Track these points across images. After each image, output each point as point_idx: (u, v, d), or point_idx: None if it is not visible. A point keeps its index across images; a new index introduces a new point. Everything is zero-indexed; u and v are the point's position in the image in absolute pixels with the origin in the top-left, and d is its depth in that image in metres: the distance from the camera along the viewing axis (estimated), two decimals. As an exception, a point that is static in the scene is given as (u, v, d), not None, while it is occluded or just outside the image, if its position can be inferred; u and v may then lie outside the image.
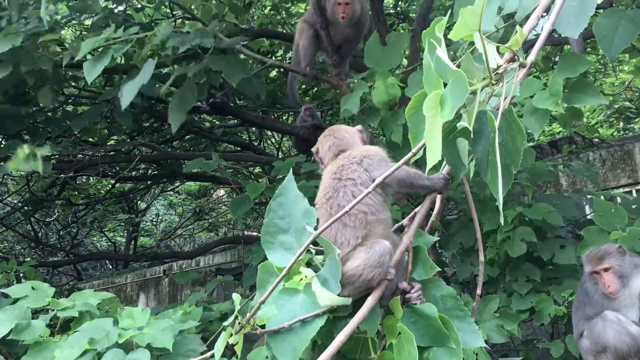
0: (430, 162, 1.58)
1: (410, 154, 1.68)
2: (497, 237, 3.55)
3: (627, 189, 6.42)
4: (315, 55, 5.15)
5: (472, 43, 1.79)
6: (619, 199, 4.88)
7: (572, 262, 3.95)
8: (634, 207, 4.41)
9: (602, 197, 4.90)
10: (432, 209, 2.16)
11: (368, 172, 1.93)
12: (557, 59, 7.52)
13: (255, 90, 4.87)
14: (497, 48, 1.84)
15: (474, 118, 1.69)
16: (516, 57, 1.88)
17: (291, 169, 2.03)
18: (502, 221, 1.61)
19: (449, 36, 1.62)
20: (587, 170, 4.75)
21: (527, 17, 2.27)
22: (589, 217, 4.66)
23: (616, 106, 9.69)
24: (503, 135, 1.72)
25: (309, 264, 1.91)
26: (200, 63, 4.24)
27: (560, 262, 3.99)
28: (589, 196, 4.67)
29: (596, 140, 7.62)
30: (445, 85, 1.60)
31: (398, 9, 8.26)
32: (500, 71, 1.76)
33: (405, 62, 6.18)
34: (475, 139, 1.76)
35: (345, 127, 2.24)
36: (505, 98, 1.77)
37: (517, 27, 1.82)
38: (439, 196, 1.99)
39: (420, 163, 1.78)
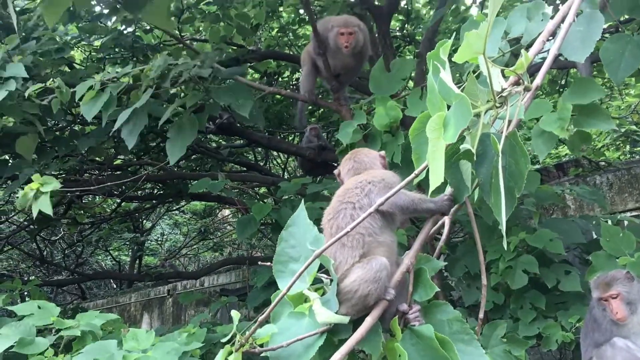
0: (433, 184, 1.57)
1: (409, 178, 1.68)
2: (500, 265, 3.51)
3: (634, 213, 6.37)
4: (315, 83, 5.21)
5: (478, 65, 1.79)
6: (626, 223, 4.84)
7: (578, 290, 3.90)
8: (642, 231, 4.37)
9: (609, 221, 4.86)
10: (439, 233, 2.15)
11: (368, 196, 1.95)
12: (563, 81, 7.53)
13: (254, 121, 4.89)
14: (502, 71, 1.84)
15: (478, 140, 1.68)
16: (521, 80, 1.88)
17: (302, 205, 2.04)
18: (505, 246, 1.60)
19: (453, 59, 1.62)
20: (594, 194, 4.72)
21: (533, 42, 2.28)
22: (595, 237, 4.61)
23: (623, 129, 9.67)
24: (506, 158, 1.71)
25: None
26: (199, 92, 4.26)
27: (566, 289, 3.94)
28: (595, 222, 4.63)
29: (603, 163, 7.58)
30: (449, 107, 1.60)
31: (404, 31, 8.32)
32: (504, 94, 1.76)
33: (411, 84, 6.21)
34: (478, 161, 1.75)
35: (367, 150, 2.28)
36: (509, 121, 1.77)
37: (522, 51, 1.83)
38: (447, 219, 1.98)
39: (422, 185, 1.77)
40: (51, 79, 4.34)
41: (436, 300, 1.90)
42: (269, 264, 2.01)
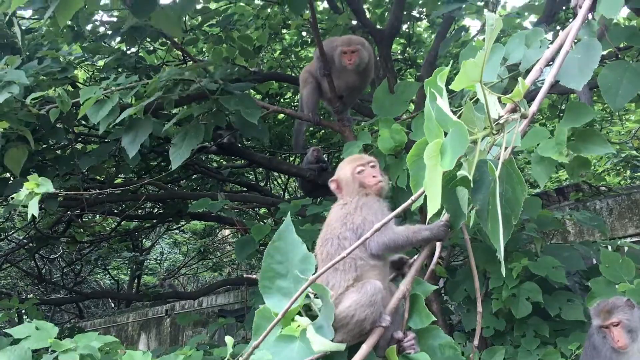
0: (431, 211, 1.57)
1: (399, 209, 1.68)
2: (503, 293, 3.49)
3: (634, 239, 6.34)
4: (318, 103, 5.22)
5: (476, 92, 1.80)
6: (626, 249, 4.81)
7: (580, 319, 3.87)
8: (642, 256, 4.35)
9: (609, 247, 4.83)
10: (432, 255, 2.14)
11: (354, 231, 1.98)
12: (563, 106, 7.56)
13: (259, 135, 4.89)
14: (499, 98, 1.85)
15: (474, 167, 1.68)
16: (518, 107, 1.89)
17: (289, 213, 2.02)
18: (503, 272, 1.59)
19: (450, 86, 1.63)
20: (594, 220, 4.70)
21: (531, 68, 2.30)
22: (595, 263, 4.59)
23: (623, 155, 9.68)
24: (503, 185, 1.71)
25: (308, 308, 1.89)
26: (206, 103, 4.26)
27: (568, 318, 3.91)
28: (595, 248, 4.61)
29: (603, 188, 7.58)
30: (446, 134, 1.61)
31: (406, 55, 8.38)
32: (501, 121, 1.77)
33: (412, 106, 6.24)
34: (475, 188, 1.75)
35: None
36: (506, 148, 1.77)
37: (519, 78, 1.84)
38: (438, 243, 1.97)
39: (423, 208, 1.77)
40: (53, 88, 4.30)
41: (429, 325, 1.89)
42: (254, 276, 2.00)
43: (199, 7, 6.23)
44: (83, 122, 6.34)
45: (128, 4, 3.85)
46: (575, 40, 2.23)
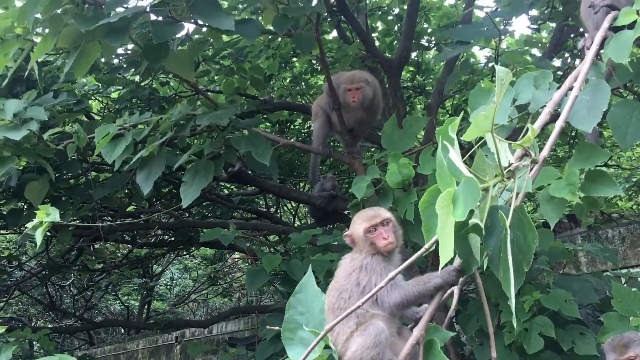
0: (444, 260, 1.60)
1: (405, 265, 1.72)
2: (515, 327, 3.47)
3: (647, 268, 6.30)
4: (328, 136, 5.27)
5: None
6: (639, 279, 4.79)
7: (593, 353, 3.84)
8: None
9: (622, 278, 4.80)
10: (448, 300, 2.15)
11: (357, 284, 2.05)
12: (572, 132, 7.57)
13: (270, 171, 4.95)
14: (509, 145, 1.88)
15: (486, 214, 1.71)
16: (528, 153, 1.92)
17: (309, 271, 2.07)
18: (514, 323, 1.60)
19: (462, 138, 1.66)
20: (605, 251, 4.69)
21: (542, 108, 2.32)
22: (607, 295, 4.55)
23: (634, 179, 9.65)
24: (515, 231, 1.74)
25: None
26: (217, 140, 4.32)
27: (581, 353, 3.87)
28: (608, 280, 4.58)
29: (615, 215, 7.54)
30: (458, 182, 1.64)
31: (415, 82, 8.45)
32: (512, 169, 1.80)
33: (421, 133, 6.27)
34: (487, 234, 1.77)
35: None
36: (517, 194, 1.80)
37: (529, 124, 1.87)
38: (455, 289, 2.00)
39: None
40: (70, 124, 4.41)
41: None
42: (277, 328, 2.04)
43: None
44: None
45: (142, 50, 3.94)
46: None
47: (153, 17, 3.61)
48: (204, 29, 4.40)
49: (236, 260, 13.05)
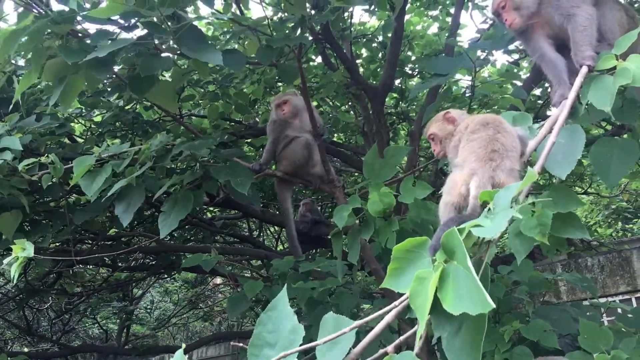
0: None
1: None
2: (495, 357, 3.47)
3: (626, 296, 6.36)
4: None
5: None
6: (619, 310, 4.82)
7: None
8: (630, 316, 4.37)
9: (601, 308, 4.84)
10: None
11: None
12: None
13: (251, 200, 4.94)
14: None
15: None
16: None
17: (284, 290, 2.04)
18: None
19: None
20: (584, 280, 4.74)
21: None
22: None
23: (613, 207, 9.80)
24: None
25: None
26: (197, 171, 4.30)
27: (560, 382, 3.89)
28: (587, 310, 4.63)
29: (595, 243, 7.63)
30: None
31: (398, 109, 8.54)
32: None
33: (405, 159, 6.31)
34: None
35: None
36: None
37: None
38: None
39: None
40: (45, 155, 4.36)
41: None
42: (244, 345, 1.99)
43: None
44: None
45: (126, 82, 3.94)
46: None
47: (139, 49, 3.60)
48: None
49: (218, 284, 12.93)
